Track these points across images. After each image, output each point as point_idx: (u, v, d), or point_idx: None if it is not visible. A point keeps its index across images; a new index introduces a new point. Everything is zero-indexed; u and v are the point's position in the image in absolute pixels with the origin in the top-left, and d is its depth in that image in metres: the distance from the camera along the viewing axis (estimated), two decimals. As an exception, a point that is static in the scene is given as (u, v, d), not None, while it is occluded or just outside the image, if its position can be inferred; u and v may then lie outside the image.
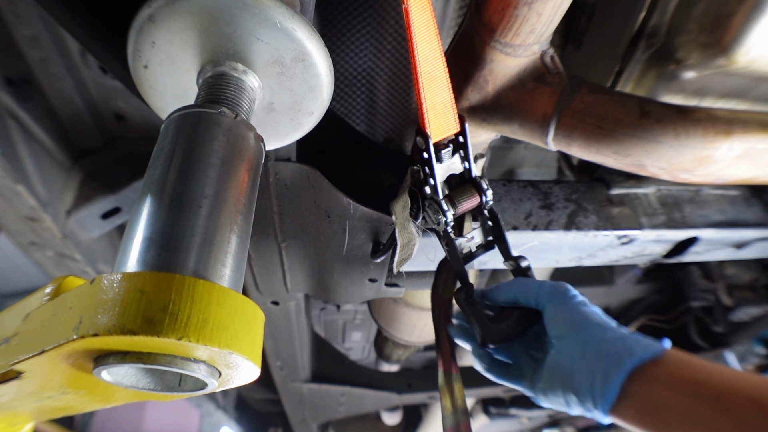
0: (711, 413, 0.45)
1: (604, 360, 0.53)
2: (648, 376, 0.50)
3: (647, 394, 0.50)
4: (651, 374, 0.50)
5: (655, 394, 0.49)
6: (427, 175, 0.69)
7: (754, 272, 1.91)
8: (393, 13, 0.80)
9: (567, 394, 0.56)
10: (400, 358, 2.01)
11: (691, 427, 0.46)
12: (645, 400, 0.50)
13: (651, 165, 0.69)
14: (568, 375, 0.56)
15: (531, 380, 0.62)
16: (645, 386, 0.50)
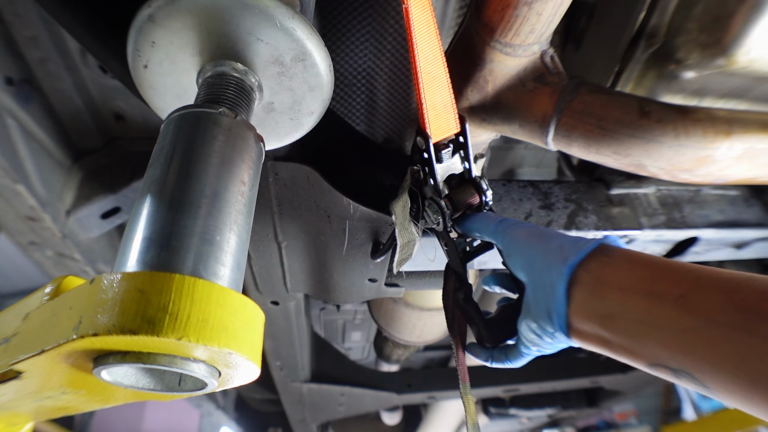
0: (676, 313, 0.39)
1: (547, 272, 0.48)
2: (596, 278, 0.45)
3: (597, 300, 0.44)
4: (599, 276, 0.45)
5: (606, 298, 0.43)
6: (427, 175, 0.69)
7: (754, 272, 1.91)
8: (393, 13, 0.80)
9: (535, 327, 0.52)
10: (400, 358, 2.01)
11: (653, 331, 0.40)
12: (595, 308, 0.44)
13: (651, 165, 0.69)
14: (529, 306, 0.52)
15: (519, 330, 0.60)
16: (595, 291, 0.44)
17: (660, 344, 0.39)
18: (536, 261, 0.51)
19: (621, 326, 0.42)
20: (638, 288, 0.42)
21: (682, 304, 0.38)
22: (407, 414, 3.31)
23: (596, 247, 0.47)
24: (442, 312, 1.48)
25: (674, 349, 0.38)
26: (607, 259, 0.46)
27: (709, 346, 0.36)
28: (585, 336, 0.46)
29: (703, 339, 0.37)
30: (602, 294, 0.44)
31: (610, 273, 0.44)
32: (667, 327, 0.39)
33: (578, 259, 0.46)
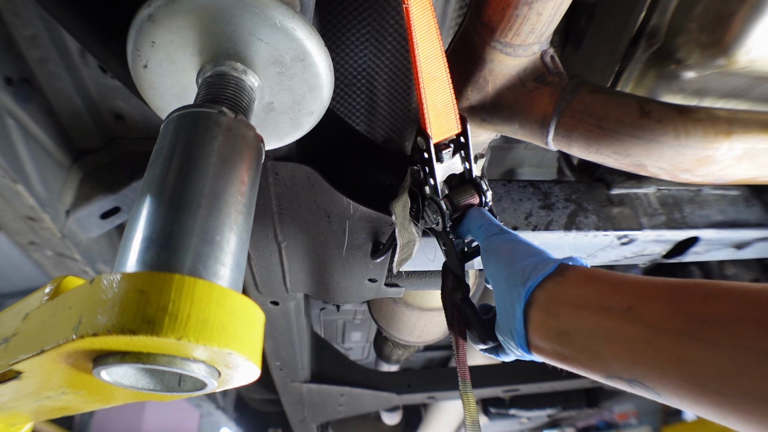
0: (623, 324, 0.40)
1: (509, 293, 0.50)
2: (551, 297, 0.46)
3: (553, 318, 0.45)
4: (554, 295, 0.46)
5: (561, 315, 0.45)
6: (427, 175, 0.69)
7: (754, 272, 1.91)
8: (393, 13, 0.80)
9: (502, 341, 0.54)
10: (400, 358, 2.01)
11: (604, 342, 0.41)
12: (551, 326, 0.46)
13: (651, 165, 0.69)
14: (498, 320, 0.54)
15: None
16: (551, 310, 0.46)
17: (612, 356, 0.40)
18: (501, 280, 0.53)
19: (576, 341, 0.43)
20: (589, 304, 0.43)
21: (630, 315, 0.40)
22: (407, 414, 3.31)
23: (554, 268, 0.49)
24: (442, 312, 1.47)
25: (624, 359, 0.39)
26: (561, 279, 0.48)
27: (656, 354, 0.37)
28: (544, 352, 0.48)
29: (650, 347, 0.38)
30: (557, 312, 0.45)
31: (564, 291, 0.46)
32: (617, 339, 0.40)
33: (536, 282, 0.48)
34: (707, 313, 0.36)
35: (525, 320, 0.49)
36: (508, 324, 0.50)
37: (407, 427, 3.29)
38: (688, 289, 0.39)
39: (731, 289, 0.37)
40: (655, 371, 0.38)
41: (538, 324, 0.47)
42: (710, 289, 0.38)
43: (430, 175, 0.68)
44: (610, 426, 6.56)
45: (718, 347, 0.34)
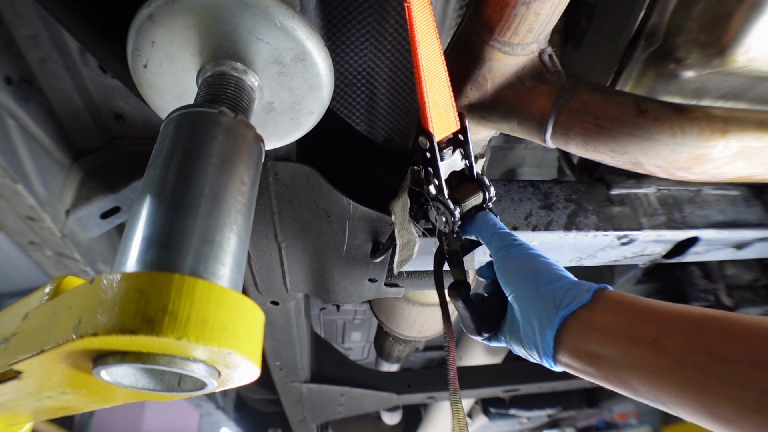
0: (650, 355, 0.44)
1: (537, 315, 0.54)
2: (583, 325, 0.51)
3: (583, 342, 0.50)
4: (586, 323, 0.50)
5: (591, 341, 0.49)
6: (431, 174, 0.68)
7: (754, 272, 1.91)
8: (393, 13, 0.80)
9: (520, 347, 0.59)
10: (401, 354, 2.01)
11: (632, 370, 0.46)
12: (582, 348, 0.50)
13: (647, 163, 0.69)
14: (517, 330, 0.59)
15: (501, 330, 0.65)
16: (582, 336, 0.50)
17: (638, 381, 0.45)
18: (526, 300, 0.57)
19: (604, 364, 0.48)
20: (618, 332, 0.48)
21: (655, 347, 0.44)
22: (407, 414, 3.31)
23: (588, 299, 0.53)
24: None
25: (649, 385, 0.44)
26: (591, 306, 0.52)
27: (678, 385, 0.42)
28: (572, 368, 0.53)
29: (673, 379, 0.42)
30: (587, 337, 0.50)
31: (594, 318, 0.50)
32: (643, 368, 0.45)
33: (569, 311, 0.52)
34: (725, 351, 0.40)
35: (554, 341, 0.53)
36: (535, 342, 0.55)
37: (407, 427, 3.29)
38: (708, 326, 0.43)
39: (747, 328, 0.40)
40: (677, 399, 0.42)
41: (568, 346, 0.52)
42: (728, 327, 0.41)
43: (435, 175, 0.67)
44: (610, 426, 6.56)
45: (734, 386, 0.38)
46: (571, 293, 0.53)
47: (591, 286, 0.54)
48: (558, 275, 0.57)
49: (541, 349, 0.54)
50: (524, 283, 0.57)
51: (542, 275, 0.57)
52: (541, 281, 0.56)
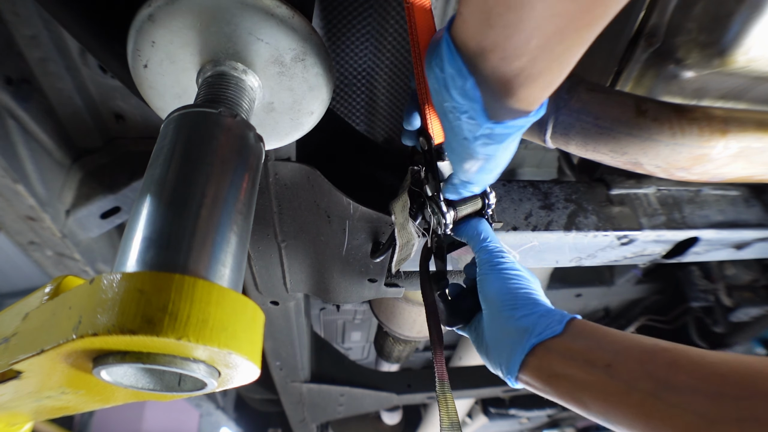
0: (603, 379, 0.48)
1: (509, 338, 0.58)
2: (547, 348, 0.55)
3: (546, 365, 0.54)
4: (550, 347, 0.55)
5: (552, 364, 0.53)
6: (429, 175, 0.68)
7: (754, 273, 1.91)
8: (393, 13, 0.80)
9: (484, 357, 0.63)
10: (401, 354, 2.01)
11: (587, 391, 0.50)
12: (544, 370, 0.54)
13: (647, 163, 0.69)
14: (485, 345, 0.62)
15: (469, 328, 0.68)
16: (544, 359, 0.54)
17: (591, 401, 0.49)
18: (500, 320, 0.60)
19: (563, 384, 0.52)
20: (577, 356, 0.52)
21: (609, 371, 0.48)
22: (407, 414, 3.31)
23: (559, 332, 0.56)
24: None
25: (601, 405, 0.48)
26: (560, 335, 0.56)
27: (627, 408, 0.46)
28: (530, 386, 0.57)
29: (623, 402, 0.46)
30: (549, 360, 0.54)
31: (557, 343, 0.55)
32: (597, 390, 0.49)
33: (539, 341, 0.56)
34: (671, 379, 0.44)
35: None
36: (500, 361, 0.59)
37: (407, 427, 3.29)
38: (658, 355, 0.47)
39: (692, 359, 0.45)
40: (626, 419, 0.46)
41: (531, 367, 0.55)
42: (675, 357, 0.46)
43: (432, 176, 0.68)
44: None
45: (677, 410, 0.42)
46: (544, 321, 0.57)
47: (563, 315, 0.57)
48: (534, 301, 0.60)
49: (506, 369, 0.58)
50: (500, 305, 0.60)
51: (519, 300, 0.60)
52: (518, 306, 0.59)
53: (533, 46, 0.42)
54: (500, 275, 0.63)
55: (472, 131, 0.52)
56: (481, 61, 0.46)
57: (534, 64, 0.44)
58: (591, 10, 0.39)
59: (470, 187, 0.63)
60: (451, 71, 0.48)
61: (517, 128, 0.51)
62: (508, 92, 0.47)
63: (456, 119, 0.52)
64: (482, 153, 0.54)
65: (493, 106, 0.49)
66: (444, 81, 0.50)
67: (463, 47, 0.47)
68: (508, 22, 0.41)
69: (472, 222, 0.70)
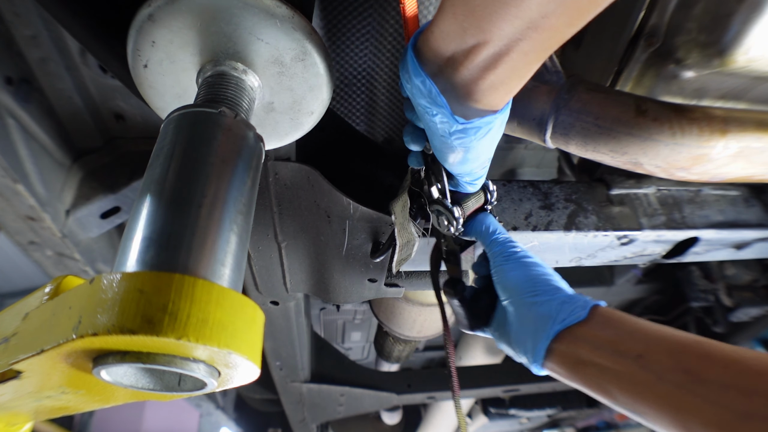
0: (633, 369, 0.48)
1: (532, 325, 0.58)
2: (574, 336, 0.55)
3: (573, 353, 0.54)
4: (577, 334, 0.55)
5: (580, 352, 0.53)
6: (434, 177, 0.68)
7: (754, 273, 1.91)
8: (393, 13, 0.80)
9: (508, 347, 0.63)
10: (401, 354, 2.01)
11: (615, 380, 0.50)
12: (571, 358, 0.54)
13: (647, 163, 0.69)
14: (507, 333, 0.62)
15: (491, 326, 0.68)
16: (571, 346, 0.54)
17: (618, 391, 0.50)
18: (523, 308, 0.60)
19: (590, 372, 0.52)
20: (607, 346, 0.52)
21: (639, 362, 0.48)
22: (407, 414, 3.31)
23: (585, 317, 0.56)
24: None
25: (629, 395, 0.48)
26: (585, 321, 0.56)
27: (656, 398, 0.46)
28: (556, 373, 0.57)
29: (652, 392, 0.46)
30: (577, 347, 0.54)
31: (585, 331, 0.54)
32: (626, 380, 0.49)
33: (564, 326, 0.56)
34: (703, 372, 0.44)
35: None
36: (526, 348, 0.58)
37: (407, 427, 3.29)
38: (690, 347, 0.47)
39: (725, 354, 0.44)
40: (653, 411, 0.46)
41: (557, 354, 0.55)
42: (708, 351, 0.45)
43: (438, 178, 0.67)
44: (610, 426, 6.55)
45: (708, 404, 0.42)
46: (567, 307, 0.56)
47: (587, 302, 0.57)
48: (554, 287, 0.60)
49: (532, 356, 0.58)
50: (521, 292, 0.60)
51: (540, 286, 0.60)
52: (539, 292, 0.59)
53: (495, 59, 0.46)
54: (517, 263, 0.63)
55: (446, 129, 0.54)
56: (445, 72, 0.50)
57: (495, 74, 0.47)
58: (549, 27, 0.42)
59: (467, 179, 0.64)
60: (416, 81, 0.51)
61: (487, 124, 0.53)
62: (472, 99, 0.50)
63: (431, 120, 0.54)
64: (460, 146, 0.56)
65: (459, 110, 0.52)
66: (413, 88, 0.53)
67: (428, 60, 0.50)
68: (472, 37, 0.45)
69: (477, 218, 0.71)
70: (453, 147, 0.56)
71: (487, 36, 0.44)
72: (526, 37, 0.43)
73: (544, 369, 0.58)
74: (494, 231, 0.68)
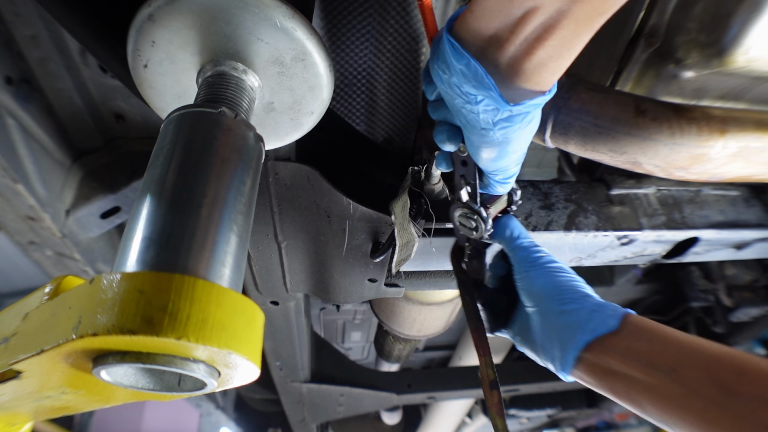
0: (666, 383, 0.47)
1: (560, 334, 0.56)
2: (605, 346, 0.53)
3: (603, 363, 0.53)
4: (608, 344, 0.53)
5: (610, 362, 0.52)
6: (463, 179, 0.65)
7: (754, 273, 1.91)
8: (393, 13, 0.80)
9: (532, 352, 0.62)
10: (401, 354, 2.01)
11: (646, 393, 0.49)
12: (601, 368, 0.53)
13: (646, 162, 0.69)
14: (532, 339, 0.61)
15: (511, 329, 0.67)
16: (601, 356, 0.53)
17: (649, 403, 0.49)
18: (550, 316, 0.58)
19: (620, 383, 0.51)
20: (639, 357, 0.50)
21: (672, 375, 0.47)
22: (407, 414, 3.31)
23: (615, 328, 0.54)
24: (442, 306, 1.50)
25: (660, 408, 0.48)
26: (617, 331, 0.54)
27: (689, 413, 0.45)
28: (584, 381, 0.55)
29: (684, 407, 0.45)
30: (607, 357, 0.52)
31: (617, 342, 0.53)
32: (657, 393, 0.48)
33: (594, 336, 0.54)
34: (737, 387, 0.43)
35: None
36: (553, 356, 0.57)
37: (407, 427, 3.29)
38: (725, 361, 0.46)
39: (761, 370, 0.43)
40: (685, 425, 0.45)
41: (587, 363, 0.54)
42: (743, 365, 0.44)
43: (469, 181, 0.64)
44: (610, 426, 6.55)
45: (742, 420, 0.41)
46: (597, 316, 0.55)
47: (616, 310, 0.56)
48: (582, 294, 0.58)
49: (560, 364, 0.56)
50: (548, 299, 0.59)
51: (567, 293, 0.59)
52: (567, 299, 0.58)
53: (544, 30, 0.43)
54: (543, 270, 0.62)
55: (489, 118, 0.51)
56: (488, 53, 0.47)
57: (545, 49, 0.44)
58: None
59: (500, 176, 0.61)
60: (459, 67, 0.48)
61: (536, 107, 0.50)
62: (520, 78, 0.47)
63: (470, 113, 0.51)
64: (501, 137, 0.53)
65: (508, 92, 0.49)
66: (451, 80, 0.50)
67: (468, 43, 0.47)
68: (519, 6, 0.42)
69: (501, 221, 0.70)
70: (492, 140, 0.53)
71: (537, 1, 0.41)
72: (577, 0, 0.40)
73: (570, 376, 0.57)
74: (518, 235, 0.67)
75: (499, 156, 0.56)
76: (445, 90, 0.52)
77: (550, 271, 0.61)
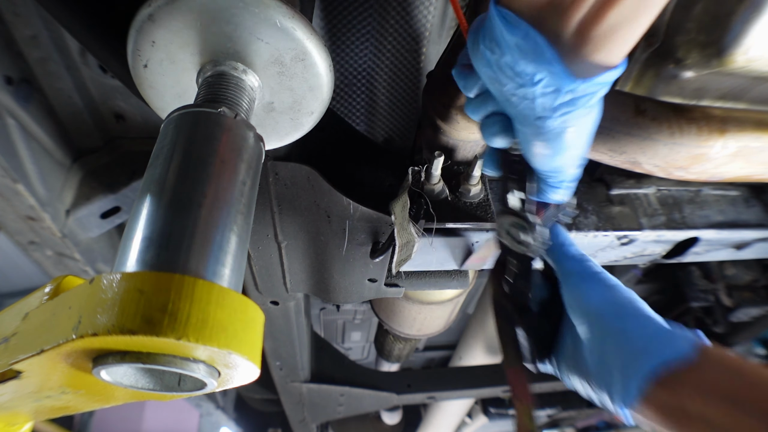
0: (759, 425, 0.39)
1: (620, 357, 0.47)
2: (679, 380, 0.44)
3: (677, 401, 0.43)
4: (683, 378, 0.44)
5: (686, 402, 0.43)
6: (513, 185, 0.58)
7: (754, 273, 1.91)
8: (393, 13, 0.80)
9: (585, 384, 0.52)
10: (401, 353, 2.01)
11: None
12: (674, 408, 0.44)
13: (646, 162, 0.69)
14: (582, 366, 0.51)
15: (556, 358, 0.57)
16: (675, 393, 0.44)
17: None
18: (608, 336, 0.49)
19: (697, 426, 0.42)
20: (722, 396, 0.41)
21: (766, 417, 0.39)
22: (407, 414, 3.31)
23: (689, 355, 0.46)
24: (442, 306, 1.49)
25: None
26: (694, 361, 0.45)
27: None
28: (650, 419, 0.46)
29: None
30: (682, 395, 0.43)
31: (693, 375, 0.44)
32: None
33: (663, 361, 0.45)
34: None
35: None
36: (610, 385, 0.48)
37: (407, 427, 3.29)
38: None
39: None
40: None
41: (654, 400, 0.45)
42: None
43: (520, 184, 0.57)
44: (610, 426, 6.55)
45: None
46: (664, 340, 0.46)
47: (688, 335, 0.47)
48: (645, 314, 0.49)
49: (619, 395, 0.47)
50: (605, 316, 0.50)
51: (627, 310, 0.50)
52: (628, 316, 0.49)
53: None
54: (598, 284, 0.52)
55: (548, 103, 0.44)
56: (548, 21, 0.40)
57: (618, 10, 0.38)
58: None
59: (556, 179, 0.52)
60: (514, 41, 0.41)
61: (605, 85, 0.43)
62: (587, 47, 0.41)
63: (523, 99, 0.45)
64: (561, 125, 0.46)
65: (573, 65, 0.42)
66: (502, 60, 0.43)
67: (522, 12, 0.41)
68: None
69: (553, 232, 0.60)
70: (549, 132, 0.46)
71: None
72: None
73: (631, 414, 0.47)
74: (565, 243, 0.58)
75: (556, 151, 0.49)
76: (493, 76, 0.45)
77: (607, 286, 0.52)
